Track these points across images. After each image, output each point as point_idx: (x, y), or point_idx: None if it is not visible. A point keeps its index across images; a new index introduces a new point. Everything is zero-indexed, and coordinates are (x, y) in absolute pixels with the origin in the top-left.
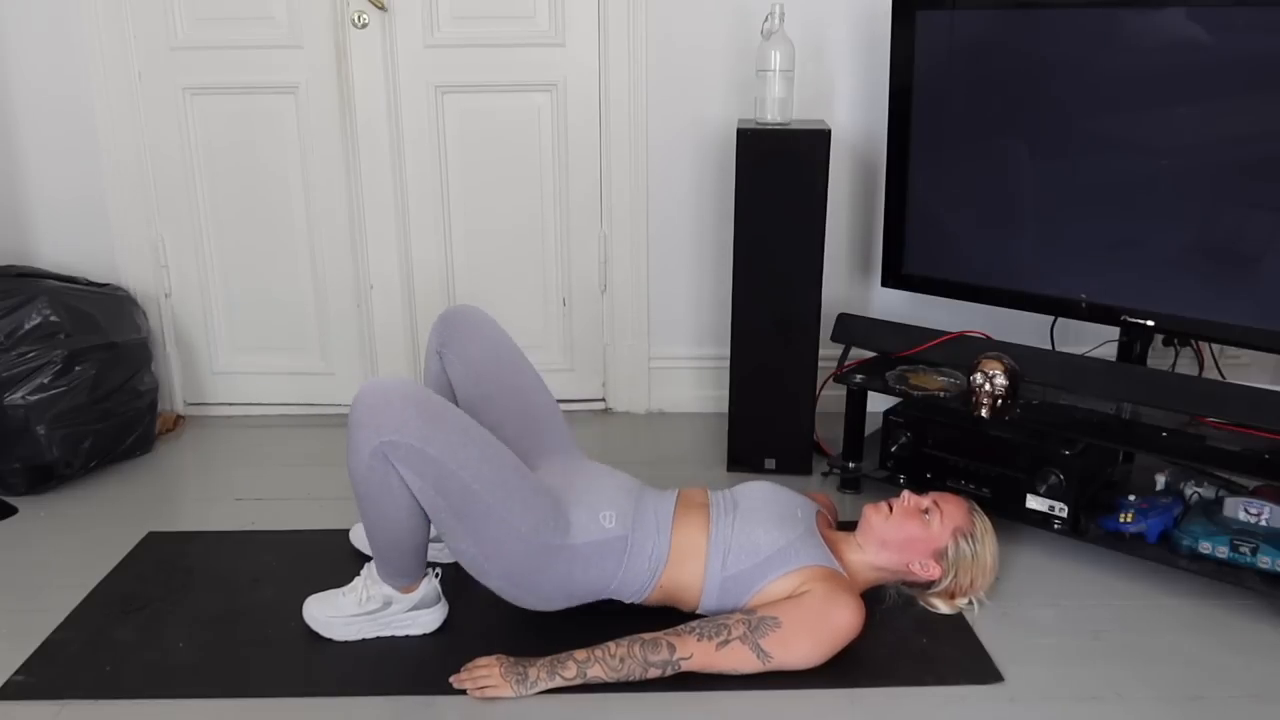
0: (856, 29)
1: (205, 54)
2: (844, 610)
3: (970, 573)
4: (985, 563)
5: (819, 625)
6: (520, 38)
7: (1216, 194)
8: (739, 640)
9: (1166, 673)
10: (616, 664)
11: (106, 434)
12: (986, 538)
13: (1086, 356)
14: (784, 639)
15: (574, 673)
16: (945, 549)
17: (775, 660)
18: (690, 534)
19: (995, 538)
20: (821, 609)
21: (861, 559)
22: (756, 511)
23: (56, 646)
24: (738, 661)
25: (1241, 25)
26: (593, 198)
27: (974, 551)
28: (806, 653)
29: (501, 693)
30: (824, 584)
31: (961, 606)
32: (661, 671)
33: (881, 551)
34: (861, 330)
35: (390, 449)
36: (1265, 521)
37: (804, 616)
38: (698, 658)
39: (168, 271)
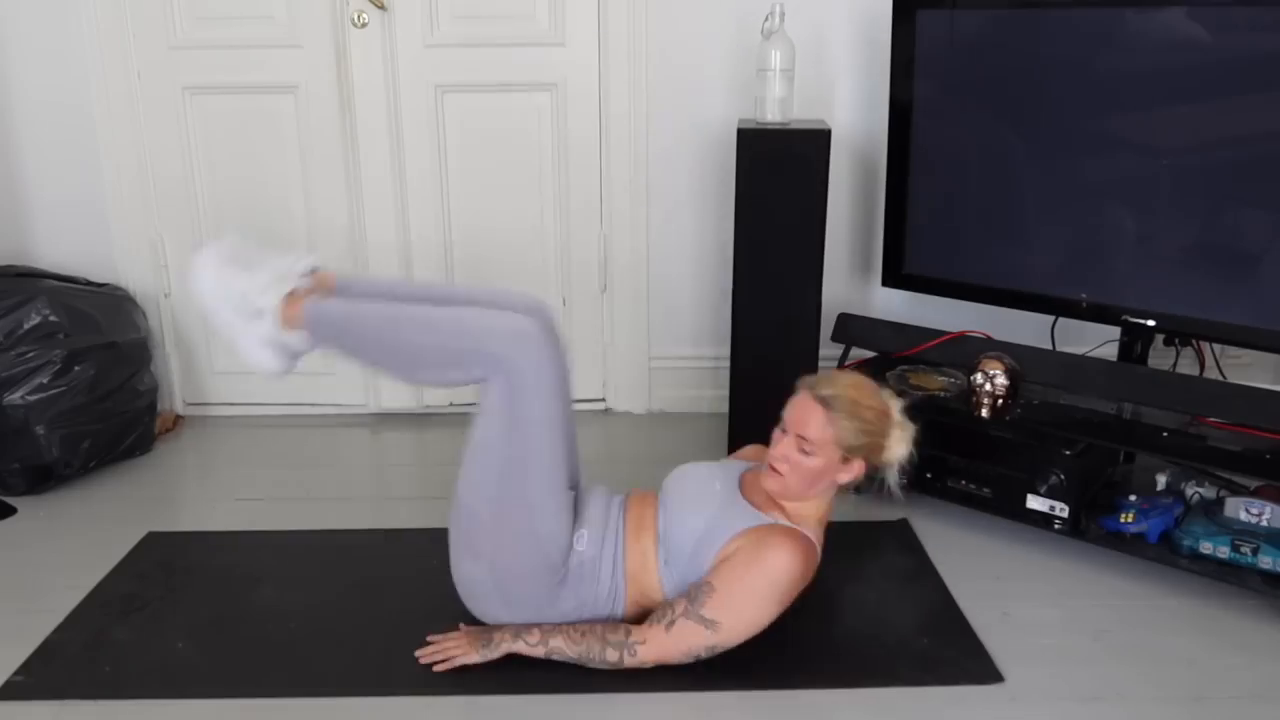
0: (856, 29)
1: (205, 53)
2: (774, 551)
3: (875, 434)
4: (872, 419)
5: (751, 575)
6: (520, 38)
7: (1216, 194)
8: (683, 616)
9: (1167, 673)
10: (578, 636)
11: (106, 434)
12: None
13: (1087, 356)
14: (721, 599)
15: (537, 638)
16: (843, 453)
17: (725, 626)
18: (643, 547)
19: (857, 385)
20: (749, 560)
21: (799, 505)
22: (676, 501)
23: (56, 647)
24: (690, 638)
25: (1241, 25)
26: (593, 198)
27: (860, 426)
28: (749, 606)
29: (469, 658)
30: (750, 538)
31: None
32: (619, 655)
33: (811, 494)
34: (861, 330)
35: (511, 372)
36: (1266, 522)
37: (734, 573)
38: (651, 642)
39: (167, 271)
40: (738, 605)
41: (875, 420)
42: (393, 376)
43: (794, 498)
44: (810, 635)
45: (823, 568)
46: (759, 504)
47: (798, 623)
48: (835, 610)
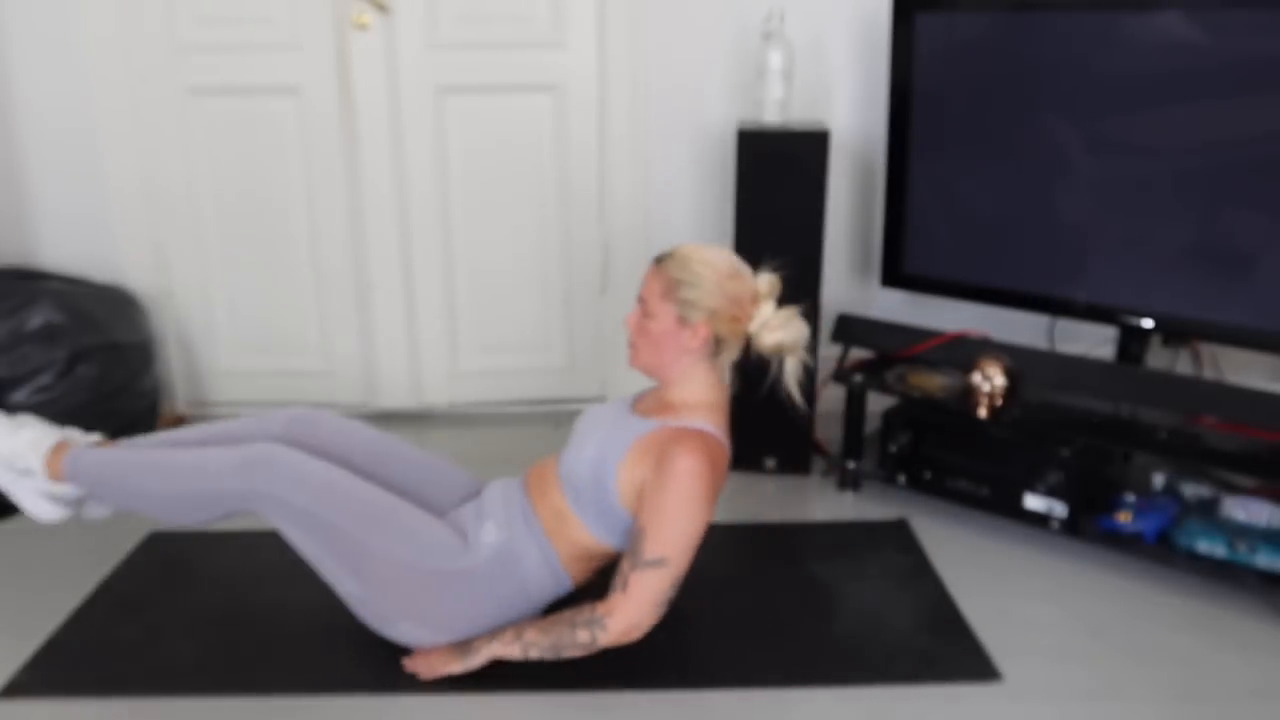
0: (856, 30)
1: (207, 55)
2: (677, 464)
3: (712, 296)
4: (708, 278)
5: (668, 498)
6: (521, 39)
7: (1214, 194)
8: (631, 572)
9: (1164, 671)
10: (548, 626)
11: (109, 434)
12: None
13: (1085, 357)
14: (655, 536)
15: (510, 636)
16: (677, 313)
17: (671, 556)
18: (552, 502)
19: (699, 249)
20: (658, 484)
21: (677, 389)
22: (571, 442)
23: (59, 646)
24: (648, 587)
25: (1240, 27)
26: (593, 198)
27: (691, 282)
28: (681, 527)
29: (450, 668)
30: (644, 456)
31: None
32: (590, 633)
33: (667, 370)
34: (861, 330)
35: (260, 499)
36: (1263, 521)
37: (652, 504)
38: (617, 610)
39: (169, 272)
40: (671, 532)
41: (715, 281)
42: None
43: (656, 373)
44: (810, 635)
45: (821, 567)
46: (647, 412)
47: (798, 623)
48: (835, 609)
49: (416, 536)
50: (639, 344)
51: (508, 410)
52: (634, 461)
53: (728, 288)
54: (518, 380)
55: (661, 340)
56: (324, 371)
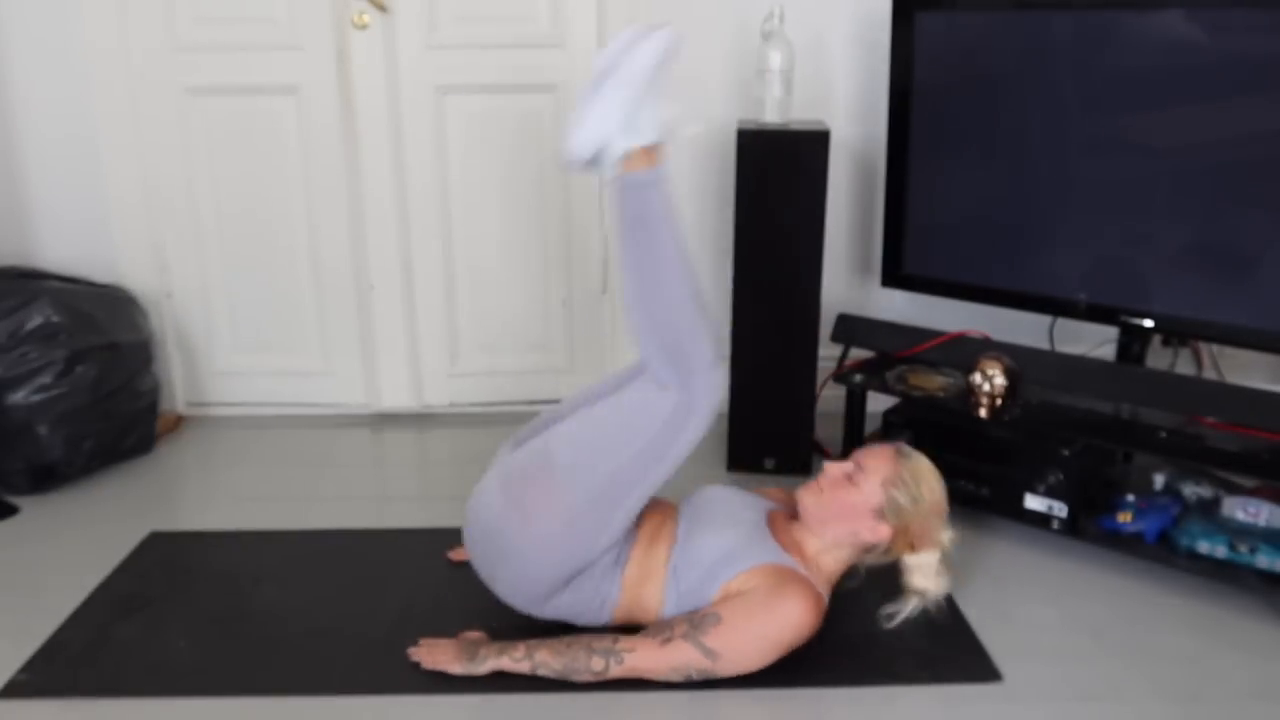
0: (856, 29)
1: (206, 55)
2: (789, 601)
3: (918, 517)
4: (927, 502)
5: (762, 618)
6: (520, 38)
7: (1215, 194)
8: (681, 638)
9: (1165, 672)
10: (563, 648)
11: (108, 434)
12: (921, 478)
13: (1086, 357)
14: (726, 634)
15: (522, 653)
16: (882, 504)
17: (723, 658)
18: (652, 559)
19: (934, 473)
20: (764, 602)
21: (817, 544)
22: (706, 516)
23: (58, 646)
24: (683, 658)
25: (1240, 26)
26: (592, 198)
27: (912, 496)
28: (752, 648)
29: (450, 667)
30: (770, 578)
31: (936, 569)
32: (605, 663)
33: (826, 530)
34: (861, 330)
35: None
36: (1263, 521)
37: (747, 610)
38: (640, 652)
39: (169, 272)
40: (742, 643)
41: (927, 505)
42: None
43: (815, 525)
44: None
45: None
46: (783, 545)
47: None
48: (835, 610)
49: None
50: (828, 496)
51: (508, 410)
52: (751, 576)
53: (931, 522)
54: (518, 380)
55: (850, 512)
56: (324, 371)
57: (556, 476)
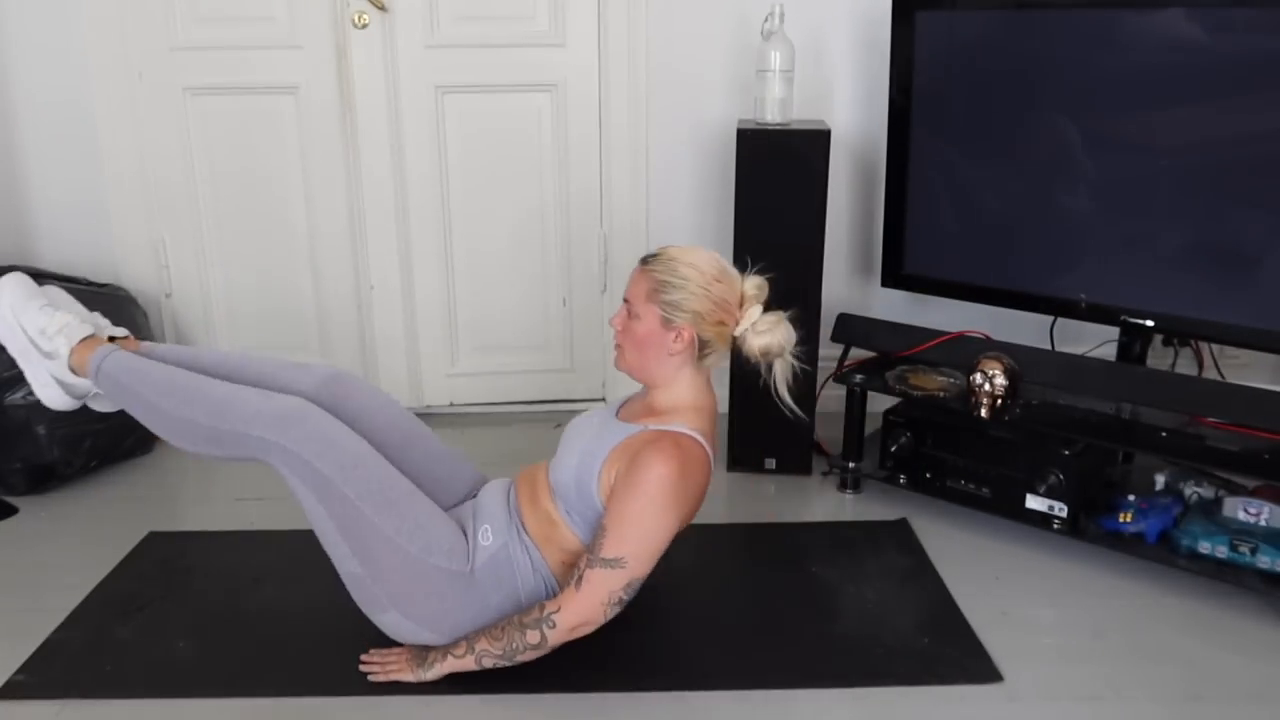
0: (856, 29)
1: (205, 54)
2: (646, 466)
3: (696, 296)
4: (694, 280)
5: (633, 499)
6: (520, 38)
7: (1215, 194)
8: (587, 568)
9: (1166, 672)
10: (498, 633)
11: (107, 434)
12: (672, 265)
13: (1086, 356)
14: (615, 537)
15: (463, 649)
16: (660, 314)
17: (629, 557)
18: (542, 508)
19: (685, 251)
20: (626, 485)
21: (661, 395)
22: (559, 450)
23: (57, 646)
24: (602, 585)
25: (1241, 25)
26: (593, 198)
27: (676, 284)
28: (645, 529)
29: (403, 676)
30: (621, 459)
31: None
32: (539, 633)
33: (652, 373)
34: (861, 330)
35: (282, 454)
36: (1264, 521)
37: (617, 504)
38: (566, 606)
39: (168, 272)
40: (632, 534)
41: (701, 284)
42: (166, 439)
43: (641, 375)
44: (810, 635)
45: (822, 567)
46: (630, 417)
47: (798, 623)
48: (835, 610)
49: (425, 530)
50: (624, 346)
51: (507, 410)
52: (611, 466)
53: (713, 290)
54: (518, 380)
55: (646, 342)
56: None
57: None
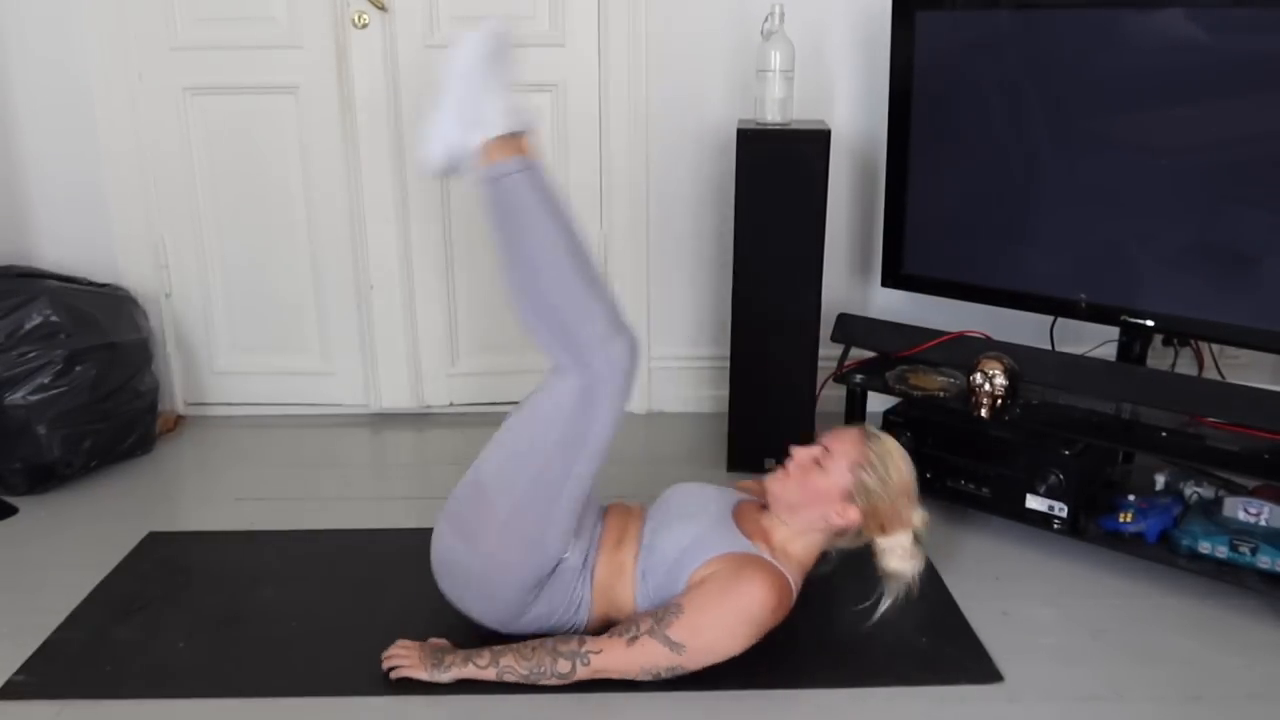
0: (856, 29)
1: (205, 54)
2: (748, 584)
3: (886, 499)
4: (895, 483)
5: (722, 603)
6: (520, 38)
7: (1215, 194)
8: (647, 634)
9: (1166, 672)
10: (528, 653)
11: (107, 434)
12: (888, 459)
13: (1086, 356)
14: (689, 624)
15: (487, 660)
16: (850, 487)
17: (688, 649)
18: (621, 557)
19: (902, 454)
20: (723, 587)
21: (786, 531)
22: (669, 513)
23: (57, 646)
24: (650, 655)
25: (1241, 25)
26: (592, 198)
27: (880, 477)
28: (716, 634)
29: (416, 674)
30: (728, 565)
31: (911, 552)
32: (571, 665)
33: (794, 516)
34: (861, 330)
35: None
36: (1264, 521)
37: (706, 598)
38: (608, 653)
39: (168, 271)
40: (706, 632)
41: (895, 486)
42: (504, 280)
43: (785, 511)
44: (810, 635)
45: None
46: (748, 533)
47: (798, 623)
48: (835, 610)
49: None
50: (795, 480)
51: (507, 410)
52: (713, 566)
53: (900, 503)
54: (517, 381)
55: (817, 495)
56: (323, 371)
57: (487, 496)
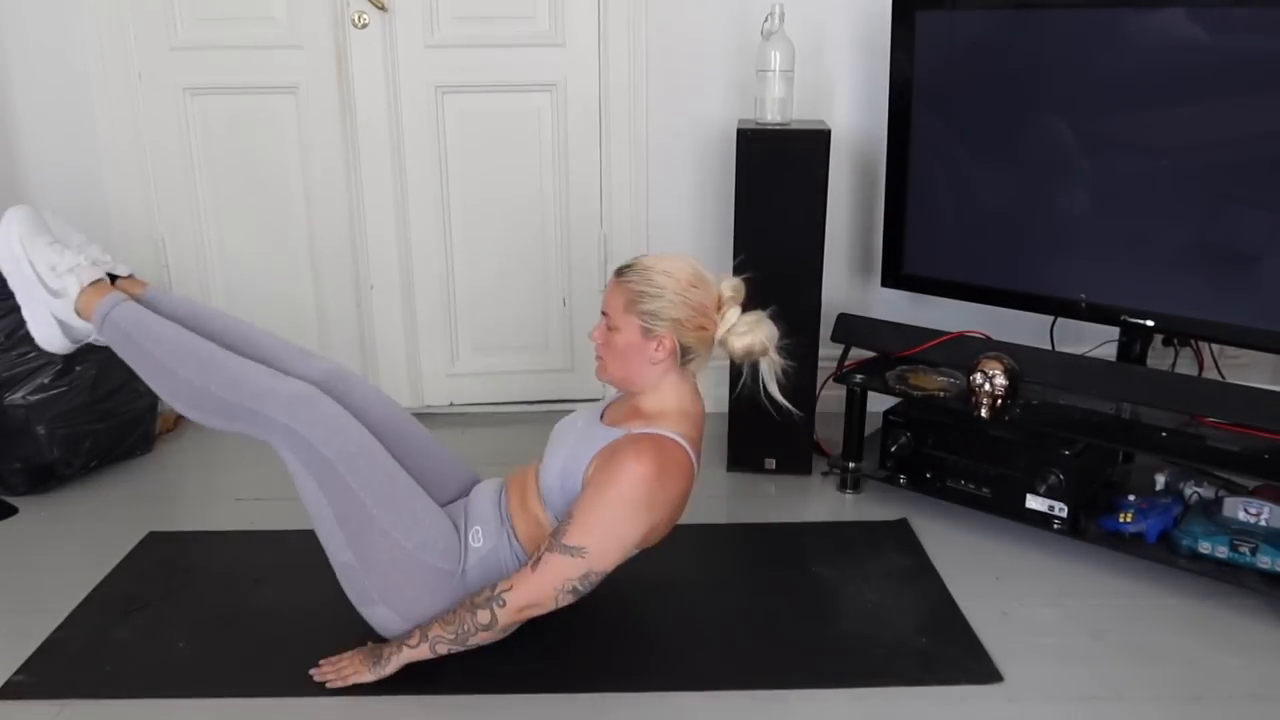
0: (856, 29)
1: (205, 54)
2: (621, 465)
3: (674, 305)
4: (671, 287)
5: (604, 494)
6: (520, 38)
7: (1215, 194)
8: (547, 551)
9: (1166, 673)
10: (450, 617)
11: (107, 434)
12: (649, 274)
13: (1086, 356)
14: (580, 526)
15: (416, 638)
16: (640, 324)
17: (591, 552)
18: (531, 511)
19: (661, 259)
20: (601, 479)
21: (647, 399)
22: (546, 453)
23: (57, 646)
24: (558, 571)
25: (1241, 25)
26: (592, 198)
27: (653, 294)
28: (610, 525)
29: (361, 677)
30: (601, 458)
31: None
32: (490, 613)
33: (635, 380)
34: (861, 330)
35: (288, 435)
36: (1265, 521)
37: (588, 497)
38: (518, 586)
39: (168, 271)
40: (598, 526)
41: (677, 290)
42: (166, 400)
43: (625, 385)
44: (810, 635)
45: (822, 567)
46: (615, 421)
47: (798, 623)
48: (835, 610)
49: (422, 526)
50: (605, 357)
51: (507, 410)
52: (592, 465)
53: (690, 296)
54: (517, 380)
55: (627, 353)
56: None
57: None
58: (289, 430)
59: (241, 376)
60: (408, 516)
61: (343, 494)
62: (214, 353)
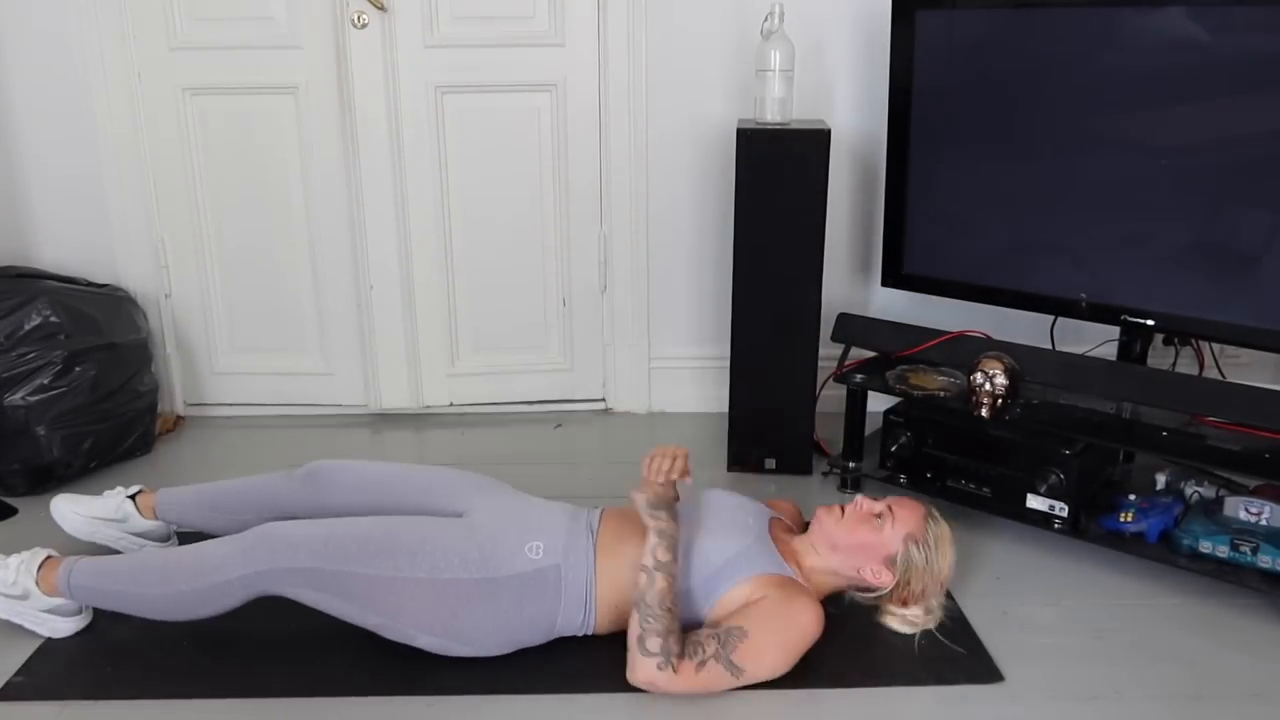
0: (856, 29)
1: (205, 54)
2: (804, 613)
3: (922, 580)
4: (937, 571)
5: (784, 630)
6: (520, 38)
7: (1215, 193)
8: (713, 659)
9: (1167, 672)
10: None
11: (106, 434)
12: (941, 545)
13: (1086, 356)
14: (752, 649)
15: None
16: (895, 555)
17: (746, 674)
18: (627, 553)
19: (952, 546)
20: (783, 613)
21: (816, 562)
22: (705, 523)
23: (57, 647)
24: (715, 681)
25: (1241, 25)
26: (592, 198)
27: (926, 558)
28: (774, 661)
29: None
30: (779, 589)
31: (916, 624)
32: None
33: (832, 555)
34: (861, 330)
35: (266, 578)
36: (1265, 521)
37: (768, 623)
38: (683, 675)
39: (168, 272)
40: (767, 657)
41: (936, 571)
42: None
43: (825, 541)
44: None
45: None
46: (782, 554)
47: None
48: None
49: (429, 551)
50: (850, 524)
51: (507, 410)
52: (759, 585)
53: (931, 588)
54: (517, 380)
55: (864, 548)
56: (323, 372)
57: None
58: (262, 576)
59: (197, 561)
60: (406, 553)
61: (336, 581)
62: (166, 555)
